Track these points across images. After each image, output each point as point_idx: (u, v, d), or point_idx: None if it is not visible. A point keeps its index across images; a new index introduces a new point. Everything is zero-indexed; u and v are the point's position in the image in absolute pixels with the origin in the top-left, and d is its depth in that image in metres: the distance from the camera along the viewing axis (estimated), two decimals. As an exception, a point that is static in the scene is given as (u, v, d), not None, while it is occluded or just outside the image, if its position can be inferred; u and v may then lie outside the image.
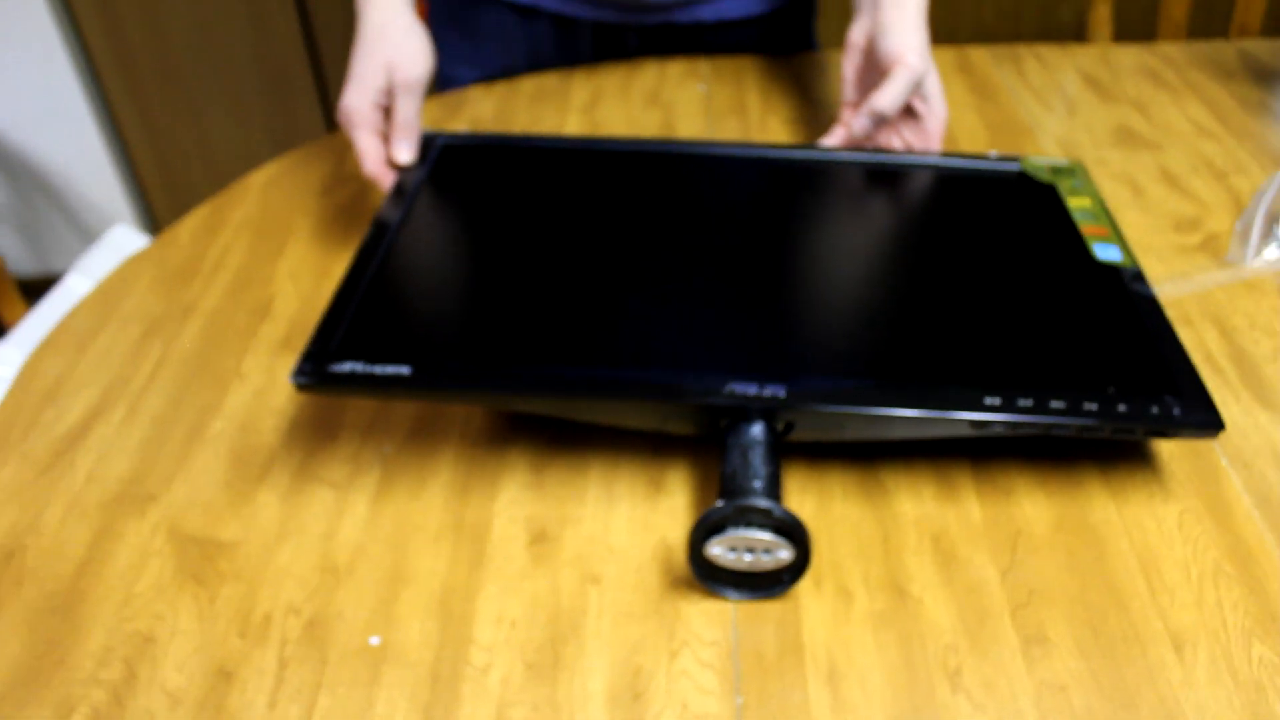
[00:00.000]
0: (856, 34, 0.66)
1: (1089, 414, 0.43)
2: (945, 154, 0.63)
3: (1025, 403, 0.43)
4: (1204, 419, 0.43)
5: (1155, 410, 0.43)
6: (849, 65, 0.67)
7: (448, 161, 0.62)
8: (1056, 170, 0.61)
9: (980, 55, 0.87)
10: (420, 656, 0.41)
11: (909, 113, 0.65)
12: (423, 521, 0.47)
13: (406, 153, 0.63)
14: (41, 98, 1.56)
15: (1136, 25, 1.29)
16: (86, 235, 1.70)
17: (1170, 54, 0.86)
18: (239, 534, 0.47)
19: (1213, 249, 0.62)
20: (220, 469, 0.51)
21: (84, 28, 1.53)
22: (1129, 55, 0.86)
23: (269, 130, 1.61)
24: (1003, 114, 0.78)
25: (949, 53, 0.86)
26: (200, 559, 0.46)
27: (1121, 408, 0.43)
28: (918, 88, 0.62)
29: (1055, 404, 0.43)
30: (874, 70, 0.65)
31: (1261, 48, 0.86)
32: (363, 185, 0.75)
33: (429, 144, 0.64)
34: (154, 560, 0.46)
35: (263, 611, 0.43)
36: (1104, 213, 0.57)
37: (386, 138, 0.64)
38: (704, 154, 0.63)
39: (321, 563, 0.45)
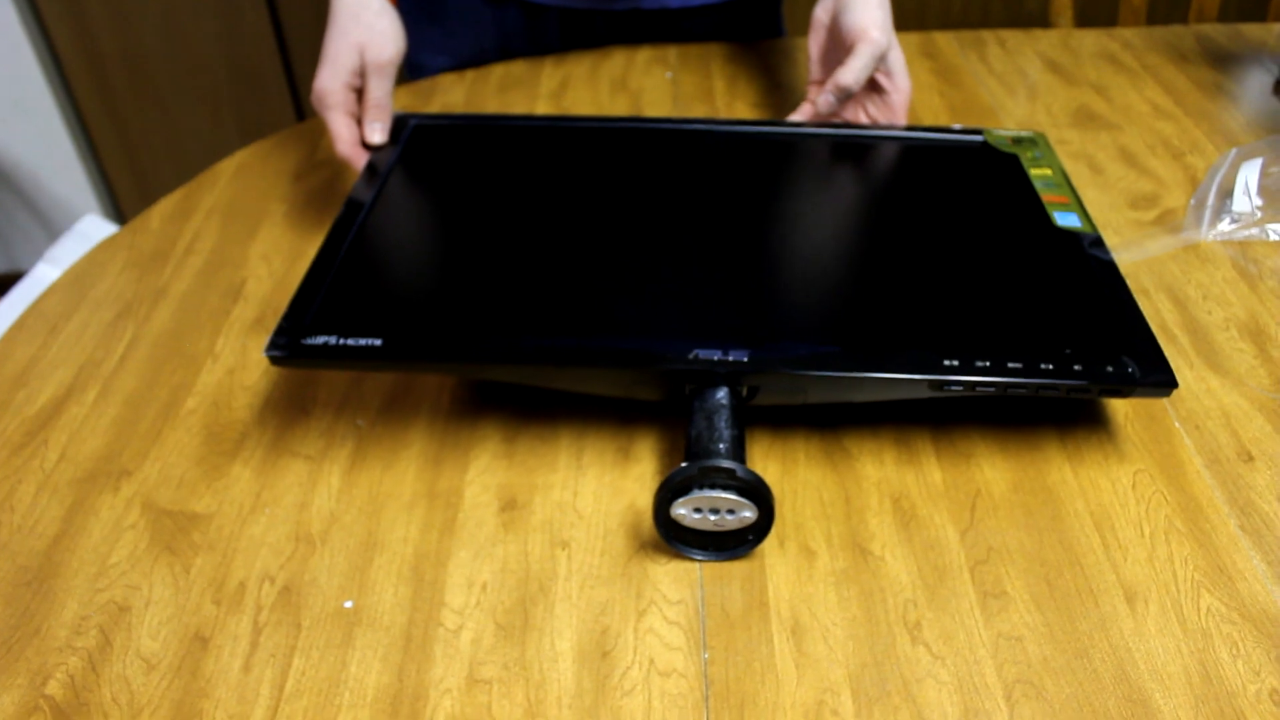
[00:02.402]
0: (821, 11, 0.68)
1: (1045, 374, 0.44)
2: (910, 127, 0.65)
3: (983, 364, 0.45)
4: (1158, 378, 0.45)
5: (1110, 370, 0.45)
6: (814, 43, 0.69)
7: (420, 142, 0.63)
8: (1018, 141, 0.62)
9: (945, 40, 0.88)
10: (393, 619, 0.42)
11: (874, 88, 0.66)
12: (395, 491, 0.48)
13: (379, 133, 0.64)
14: (5, 92, 1.55)
15: (1101, 11, 1.32)
16: (51, 232, 1.69)
17: (1129, 39, 0.88)
18: (213, 506, 0.48)
19: (1169, 224, 0.64)
20: (194, 445, 0.51)
21: (48, 20, 1.52)
22: (1089, 40, 0.88)
23: (239, 124, 1.61)
24: (965, 96, 0.79)
25: (914, 37, 0.88)
26: (174, 531, 0.47)
27: (1077, 367, 0.45)
28: (881, 62, 0.64)
29: (1012, 364, 0.45)
30: (838, 47, 0.66)
31: (1218, 32, 0.89)
32: (336, 170, 0.75)
33: (401, 125, 0.65)
34: (128, 533, 0.47)
35: (237, 579, 0.44)
36: (1065, 181, 0.58)
37: (359, 119, 0.65)
38: (671, 129, 0.64)
39: (295, 532, 0.46)
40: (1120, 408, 0.51)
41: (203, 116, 1.60)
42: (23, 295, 0.81)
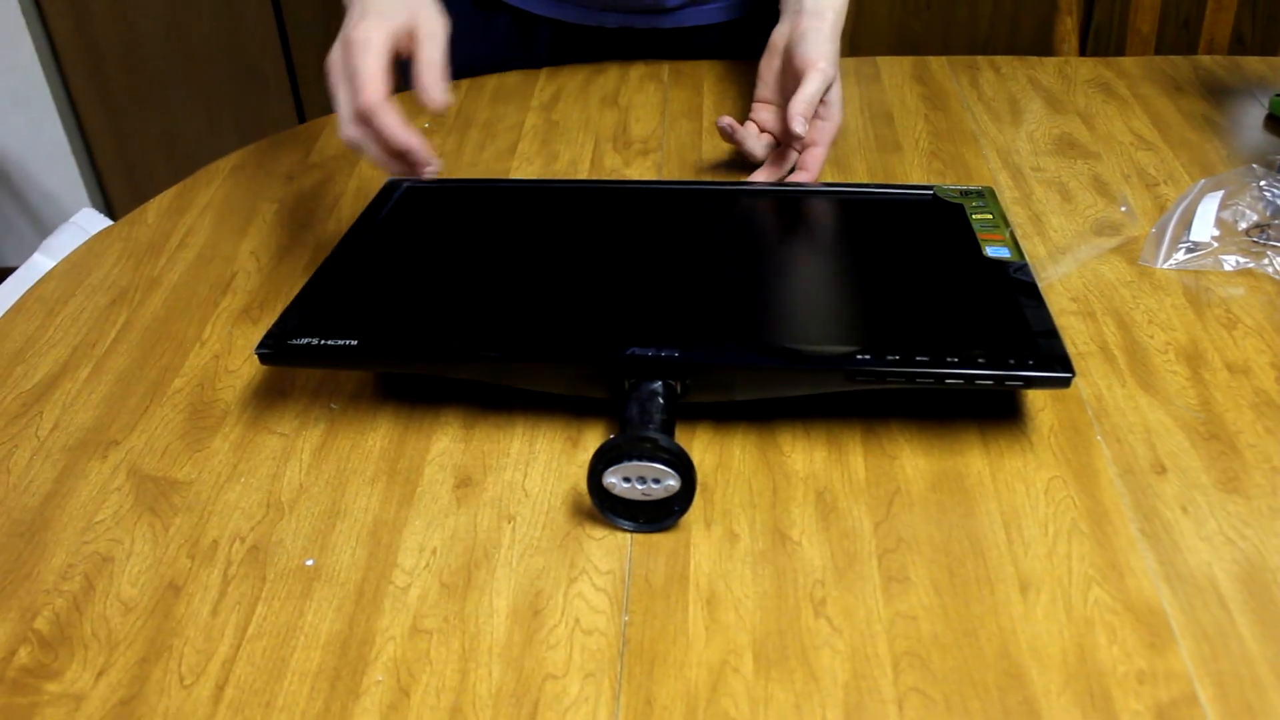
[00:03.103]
0: (777, 36, 0.81)
1: (950, 365, 0.54)
2: (865, 184, 0.76)
3: (893, 357, 0.54)
4: (1057, 369, 0.54)
5: (1011, 362, 0.54)
6: (766, 65, 0.81)
7: (411, 200, 0.74)
8: (966, 193, 0.72)
9: (939, 65, 0.98)
10: (349, 576, 0.51)
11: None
12: (360, 467, 0.57)
13: (443, 92, 0.62)
14: (2, 85, 1.67)
15: (1110, 40, 1.41)
16: (43, 229, 1.81)
17: (1127, 68, 0.97)
18: (193, 474, 0.57)
19: (1128, 252, 0.73)
20: (178, 420, 0.61)
21: (48, 11, 1.65)
22: (1085, 68, 0.97)
23: (236, 124, 1.73)
24: (950, 121, 0.89)
25: (906, 62, 0.98)
26: (156, 494, 0.56)
27: (980, 360, 0.54)
28: (826, 91, 0.76)
29: (920, 358, 0.54)
30: (788, 72, 0.78)
31: (1218, 64, 0.97)
32: (328, 172, 0.86)
33: (394, 188, 0.76)
34: (114, 495, 0.56)
35: (211, 538, 0.54)
36: (1003, 223, 0.68)
37: (387, 85, 0.63)
38: (639, 189, 0.75)
39: (266, 499, 0.56)
40: (1047, 420, 0.59)
41: (200, 115, 1.72)
42: (18, 283, 0.92)
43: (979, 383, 0.54)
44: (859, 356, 0.55)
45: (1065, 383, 0.54)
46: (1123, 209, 0.73)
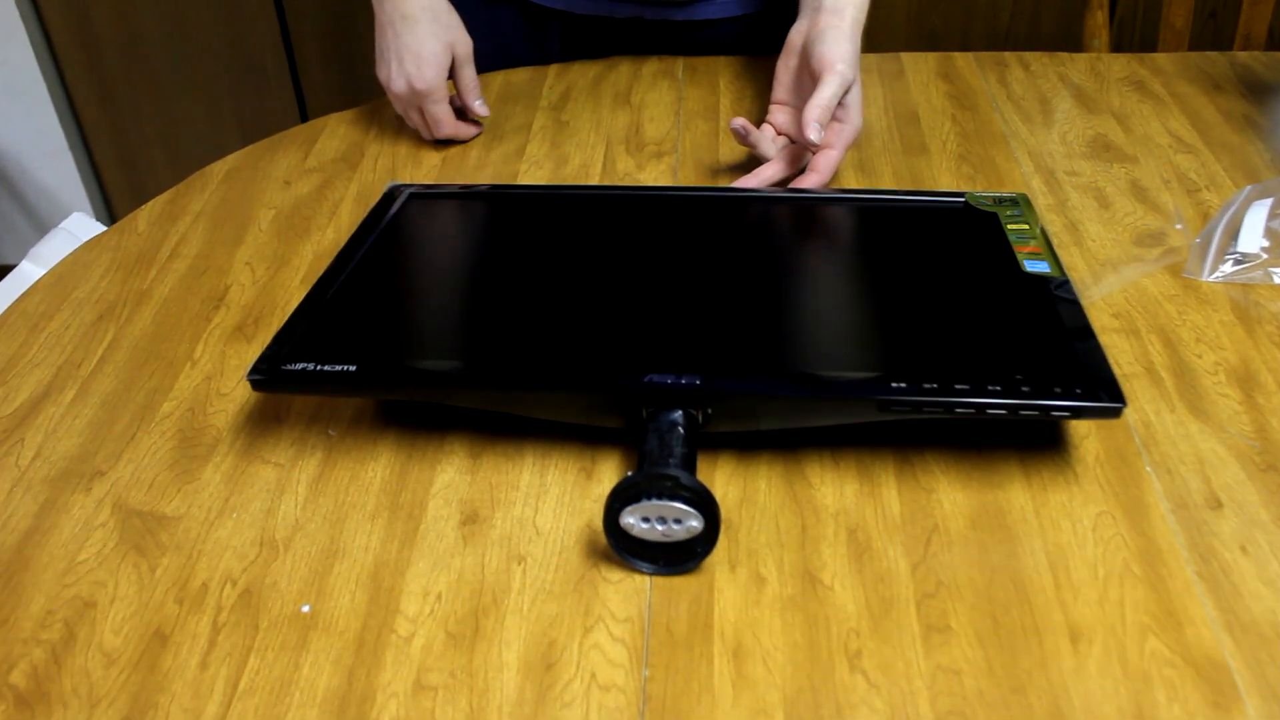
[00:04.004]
0: (795, 35, 0.77)
1: (992, 394, 0.50)
2: (894, 191, 0.71)
3: (930, 385, 0.50)
4: (1107, 399, 0.50)
5: (1058, 390, 0.50)
6: (783, 65, 0.77)
7: (413, 208, 0.70)
8: (1000, 201, 0.68)
9: (965, 62, 0.94)
10: (348, 625, 0.48)
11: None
12: (360, 501, 0.54)
13: (485, 107, 0.85)
14: (-1, 80, 1.64)
15: (1142, 34, 1.37)
16: (40, 226, 1.78)
17: (1161, 64, 0.93)
18: (181, 509, 0.54)
19: (1172, 263, 0.69)
20: (167, 449, 0.58)
21: (45, 6, 1.61)
22: (1118, 65, 0.93)
23: (238, 119, 1.69)
24: (978, 122, 0.85)
25: (931, 58, 0.94)
26: (142, 531, 0.53)
27: (1024, 389, 0.50)
28: (844, 94, 0.72)
29: (959, 385, 0.50)
30: (805, 73, 0.74)
31: (1257, 60, 0.93)
32: (327, 176, 0.82)
33: (396, 192, 0.72)
34: (98, 532, 0.53)
35: (200, 580, 0.50)
36: (1041, 234, 0.64)
37: (452, 105, 0.84)
38: (651, 196, 0.71)
39: (260, 537, 0.52)
40: (1092, 450, 0.56)
41: (200, 110, 1.69)
42: (5, 294, 0.88)
43: (1023, 413, 0.51)
44: (894, 385, 0.51)
45: (1116, 413, 0.51)
46: (1178, 226, 0.69)
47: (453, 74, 0.83)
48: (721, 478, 0.54)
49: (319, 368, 0.54)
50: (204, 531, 0.53)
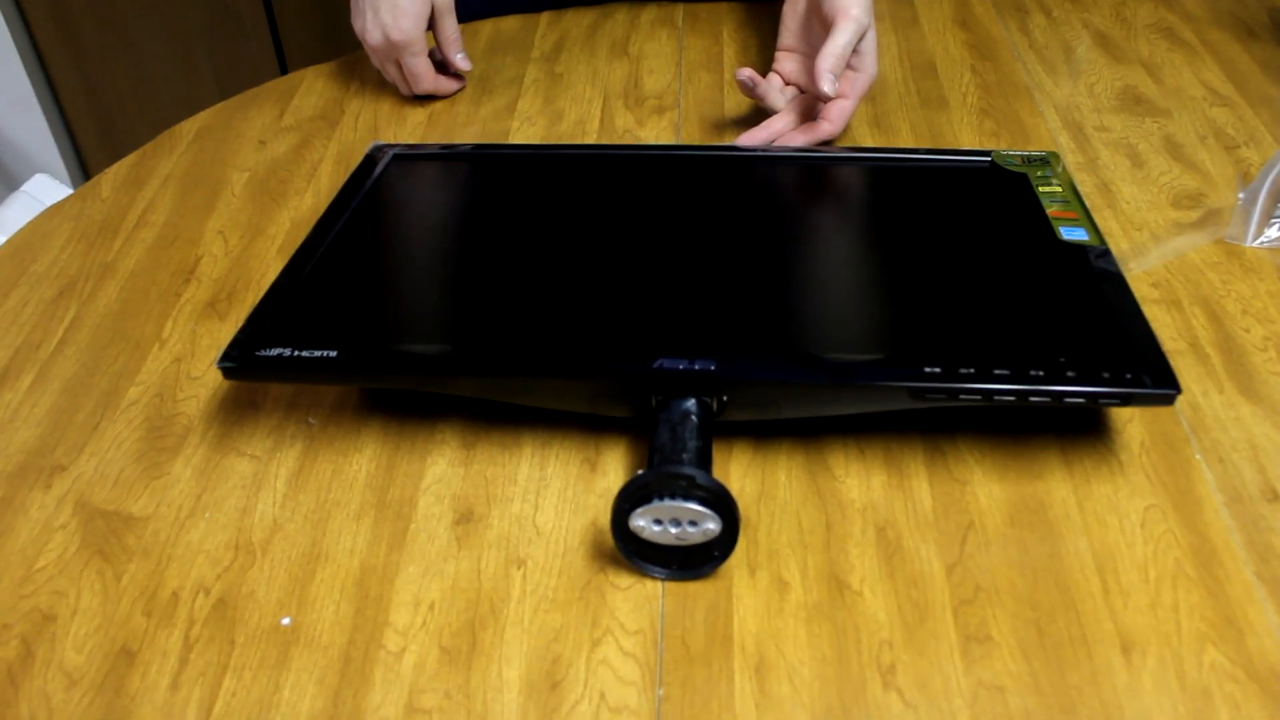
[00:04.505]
0: None
1: (1034, 380, 0.45)
2: (914, 150, 0.66)
3: (966, 370, 0.46)
4: (1159, 385, 0.46)
5: (1106, 375, 0.46)
6: (790, 9, 0.72)
7: (397, 170, 0.65)
8: (1029, 160, 0.63)
9: (983, 7, 0.88)
10: (332, 639, 0.43)
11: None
12: (344, 498, 0.49)
13: (467, 60, 0.80)
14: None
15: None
16: (9, 182, 1.71)
17: (1192, 10, 0.87)
18: (149, 508, 0.49)
19: (1213, 227, 0.64)
20: (133, 439, 0.53)
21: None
22: (1145, 10, 0.87)
23: (213, 70, 1.62)
24: (1000, 73, 0.79)
25: (947, 6, 0.88)
26: (107, 533, 0.48)
27: (1070, 374, 0.46)
28: (859, 41, 0.67)
29: (999, 371, 0.46)
30: (814, 18, 0.69)
31: (1292, 6, 0.88)
32: (304, 135, 0.76)
33: (379, 153, 0.66)
34: (58, 535, 0.48)
35: (170, 590, 0.46)
36: (1075, 198, 0.59)
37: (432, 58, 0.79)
38: (650, 155, 0.66)
39: (235, 539, 0.48)
40: (1136, 436, 0.51)
41: (174, 60, 1.61)
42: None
43: (1068, 401, 0.46)
44: (927, 370, 0.46)
45: (1169, 400, 0.46)
46: (1240, 196, 0.63)
47: (433, 25, 0.77)
48: (738, 469, 0.50)
49: (296, 353, 0.49)
50: (174, 533, 0.48)
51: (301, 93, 0.82)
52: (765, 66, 0.81)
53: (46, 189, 0.84)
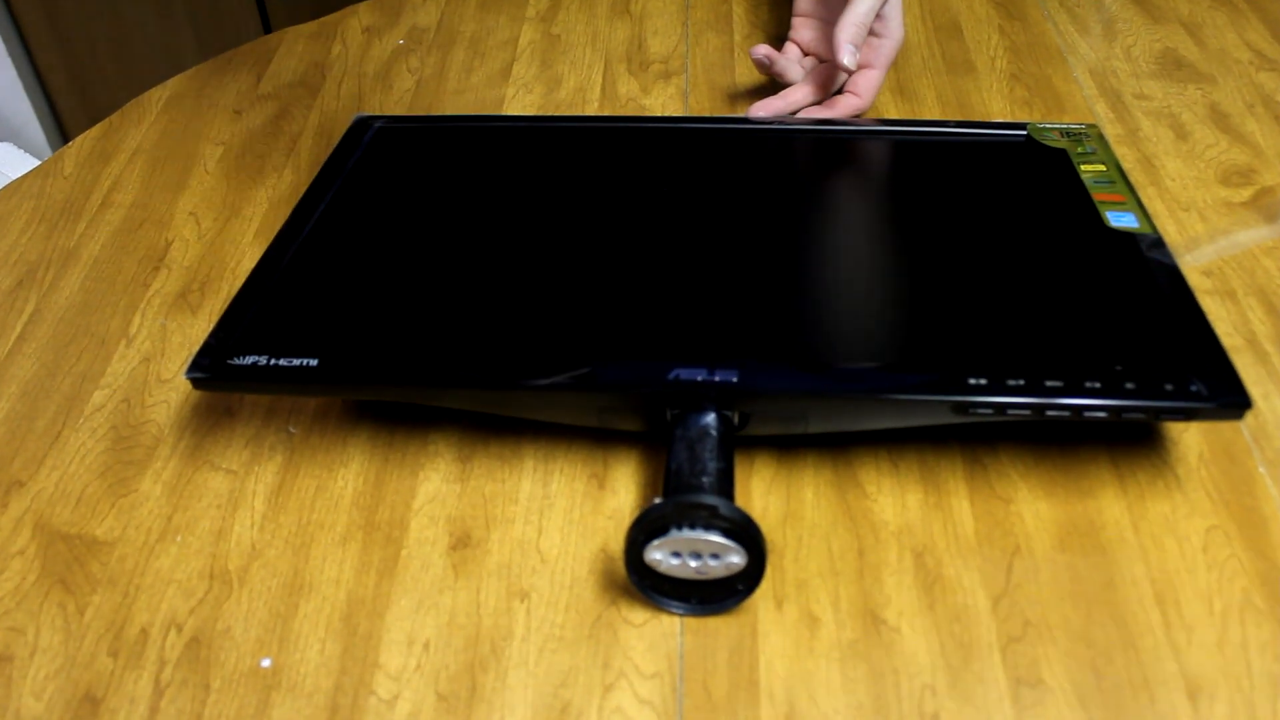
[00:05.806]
0: None
1: (1090, 393, 0.41)
2: (943, 122, 0.61)
3: (1015, 382, 0.41)
4: (1226, 398, 0.41)
5: (1169, 388, 0.41)
6: None
7: (382, 146, 0.59)
8: (1068, 134, 0.58)
9: (1011, -38, 0.82)
10: (317, 684, 0.39)
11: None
12: (329, 520, 0.45)
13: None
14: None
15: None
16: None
17: (1232, -35, 0.82)
18: (116, 530, 0.45)
19: (1266, 207, 0.59)
20: (98, 451, 0.48)
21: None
22: (1184, -34, 0.82)
23: (192, 20, 1.54)
24: (1029, 35, 0.74)
25: (974, -42, 0.82)
26: (70, 560, 0.44)
27: (1128, 386, 0.41)
28: (882, 4, 0.62)
29: (1051, 383, 0.41)
30: None
31: (1339, -40, 0.82)
32: (283, 104, 0.71)
33: (363, 127, 0.61)
34: (15, 561, 0.44)
35: (139, 625, 0.41)
36: (1120, 177, 0.54)
37: None
38: (658, 129, 0.61)
39: (210, 567, 0.43)
40: (1193, 446, 0.47)
41: (155, 17, 1.54)
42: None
43: (1127, 416, 0.42)
44: (971, 382, 0.42)
45: (1238, 413, 0.42)
46: None
47: None
48: (760, 486, 0.45)
49: (273, 362, 0.44)
50: (142, 560, 0.44)
51: (280, 55, 0.76)
52: (776, 25, 0.76)
53: (11, 159, 0.78)
